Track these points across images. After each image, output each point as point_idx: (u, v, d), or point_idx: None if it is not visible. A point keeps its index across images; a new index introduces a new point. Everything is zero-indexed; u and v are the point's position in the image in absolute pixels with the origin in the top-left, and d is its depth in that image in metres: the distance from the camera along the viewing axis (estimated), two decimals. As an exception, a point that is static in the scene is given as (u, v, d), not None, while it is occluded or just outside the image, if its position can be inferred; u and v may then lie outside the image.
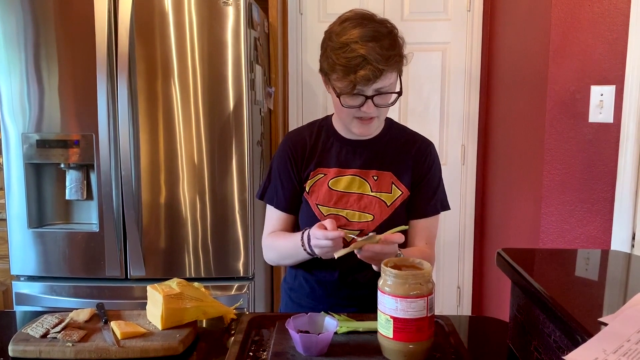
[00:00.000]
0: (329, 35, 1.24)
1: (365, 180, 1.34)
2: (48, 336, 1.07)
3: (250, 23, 2.12)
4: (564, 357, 0.67)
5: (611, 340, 0.70)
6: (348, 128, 1.32)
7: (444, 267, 3.02)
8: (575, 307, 0.85)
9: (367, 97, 1.21)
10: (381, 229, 1.31)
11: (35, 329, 1.08)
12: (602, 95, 1.86)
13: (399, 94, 1.25)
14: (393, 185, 1.35)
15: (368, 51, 1.15)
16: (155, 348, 1.04)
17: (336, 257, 1.11)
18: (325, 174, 1.36)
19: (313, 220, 1.34)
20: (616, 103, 1.84)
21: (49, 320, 1.12)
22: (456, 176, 2.95)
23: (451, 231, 2.99)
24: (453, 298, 3.04)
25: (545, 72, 1.95)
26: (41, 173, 2.23)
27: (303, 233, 1.25)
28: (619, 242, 1.88)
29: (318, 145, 1.38)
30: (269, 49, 2.61)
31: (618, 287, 1.03)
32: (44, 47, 2.10)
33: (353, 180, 1.34)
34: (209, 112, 2.10)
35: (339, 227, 1.33)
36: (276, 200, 1.40)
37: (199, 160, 2.12)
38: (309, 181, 1.36)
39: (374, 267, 1.18)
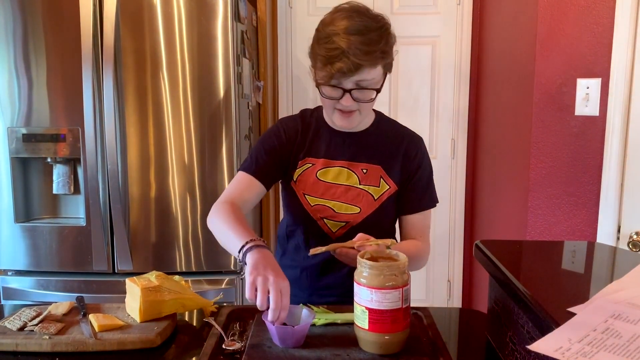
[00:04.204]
0: (319, 24, 1.25)
1: (354, 172, 1.34)
2: (25, 329, 1.07)
3: (236, 16, 2.12)
4: (528, 347, 0.67)
5: (577, 330, 0.70)
6: (331, 119, 1.33)
7: (435, 260, 3.02)
8: (548, 298, 0.85)
9: (345, 90, 1.21)
10: (367, 221, 1.33)
11: (12, 322, 1.08)
12: (588, 88, 1.86)
13: (378, 90, 1.24)
14: (382, 179, 1.35)
15: (348, 44, 1.14)
16: (133, 340, 1.04)
17: (310, 254, 1.11)
18: (313, 164, 1.35)
19: (300, 209, 1.35)
20: (602, 96, 1.84)
21: (27, 313, 1.12)
22: (446, 170, 2.95)
23: (441, 225, 3.00)
24: (443, 291, 3.05)
25: (532, 65, 1.95)
26: (28, 167, 2.22)
27: (246, 244, 1.09)
28: (605, 235, 1.88)
29: (308, 134, 1.37)
30: (257, 43, 2.60)
31: (599, 279, 1.03)
32: (31, 40, 2.08)
33: (341, 171, 1.34)
34: (198, 105, 2.09)
35: (324, 218, 1.34)
36: (253, 166, 1.33)
37: (189, 154, 2.11)
38: (297, 170, 1.36)
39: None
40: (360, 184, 1.34)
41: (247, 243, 1.08)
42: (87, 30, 2.02)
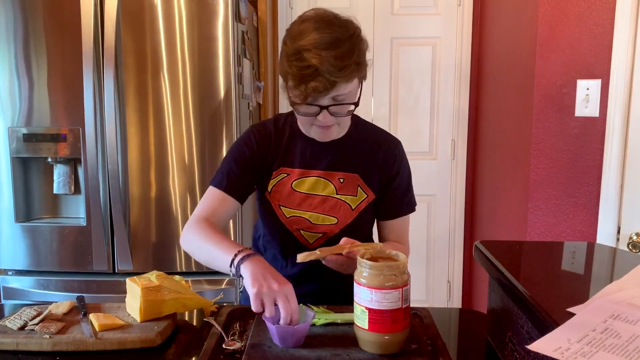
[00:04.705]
0: (286, 37, 1.16)
1: (331, 182, 1.30)
2: (26, 328, 1.07)
3: (237, 17, 2.12)
4: (527, 347, 0.67)
5: (577, 330, 0.71)
6: (308, 133, 1.28)
7: (434, 261, 3.02)
8: (547, 298, 0.85)
9: (322, 107, 1.15)
10: (345, 232, 1.29)
11: (13, 321, 1.08)
12: (588, 89, 1.86)
13: (356, 104, 1.19)
14: (359, 187, 1.31)
15: (321, 61, 1.08)
16: (133, 340, 1.04)
17: (298, 261, 1.08)
18: (288, 174, 1.30)
19: (275, 220, 1.31)
20: (602, 97, 1.84)
21: (27, 312, 1.12)
22: (446, 171, 2.95)
23: (441, 226, 3.00)
24: (443, 292, 3.05)
25: (532, 66, 1.96)
26: (29, 167, 2.22)
27: (235, 256, 1.08)
28: (605, 235, 1.89)
29: (282, 142, 1.31)
30: (258, 44, 2.61)
31: (598, 280, 1.03)
32: (32, 40, 2.09)
33: (317, 181, 1.29)
34: (198, 106, 2.10)
35: (300, 229, 1.31)
36: (224, 182, 1.28)
37: (189, 154, 2.12)
38: (271, 180, 1.31)
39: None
40: (337, 194, 1.29)
41: (236, 255, 1.08)
42: (88, 31, 2.03)
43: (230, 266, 1.08)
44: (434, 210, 2.98)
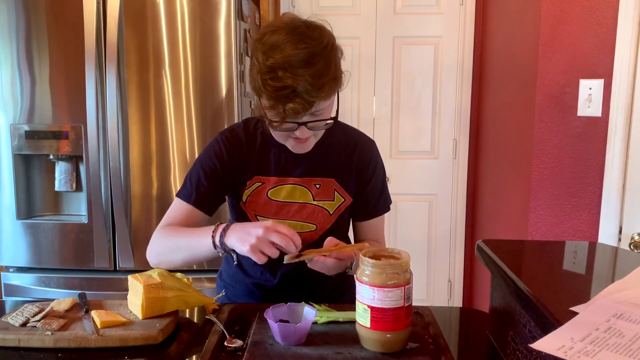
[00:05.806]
0: (256, 48, 1.09)
1: (307, 189, 1.27)
2: (28, 325, 1.07)
3: (239, 15, 2.12)
4: (530, 345, 0.67)
5: (580, 329, 0.70)
6: (282, 142, 1.23)
7: (435, 260, 3.02)
8: (550, 297, 0.85)
9: (300, 124, 1.11)
10: (324, 238, 1.24)
11: (15, 318, 1.08)
12: (590, 89, 1.86)
13: (334, 119, 1.16)
14: (336, 192, 1.29)
15: (297, 81, 1.02)
16: (135, 337, 1.04)
17: (285, 262, 1.07)
18: (263, 183, 1.27)
19: None
20: (604, 97, 1.84)
21: (29, 309, 1.12)
22: (448, 170, 2.95)
23: (442, 225, 3.00)
24: (444, 291, 3.05)
25: (535, 65, 1.95)
26: (30, 164, 2.23)
27: (218, 225, 1.12)
28: (607, 236, 1.88)
29: (255, 150, 1.27)
30: (260, 42, 2.60)
31: (600, 279, 1.03)
32: (34, 37, 2.09)
33: (294, 189, 1.27)
34: (200, 103, 2.10)
35: None
36: (193, 195, 1.26)
37: (190, 152, 2.12)
38: (246, 190, 1.28)
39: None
40: (314, 200, 1.27)
41: (214, 237, 1.11)
42: (90, 28, 2.03)
43: (215, 248, 1.12)
44: (436, 209, 2.98)
